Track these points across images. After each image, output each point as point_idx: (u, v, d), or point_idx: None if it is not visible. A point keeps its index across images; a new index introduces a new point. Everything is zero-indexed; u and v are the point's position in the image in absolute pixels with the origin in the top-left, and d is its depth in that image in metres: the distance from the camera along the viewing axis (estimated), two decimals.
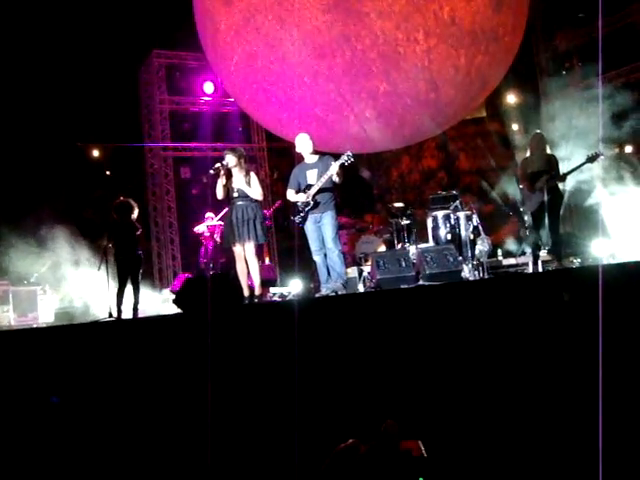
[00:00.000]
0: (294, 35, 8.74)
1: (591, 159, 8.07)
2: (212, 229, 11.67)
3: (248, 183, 7.43)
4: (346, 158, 7.06)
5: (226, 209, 11.37)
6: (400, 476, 2.38)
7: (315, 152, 7.56)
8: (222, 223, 11.45)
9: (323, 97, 9.34)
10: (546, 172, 8.04)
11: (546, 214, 8.09)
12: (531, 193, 8.14)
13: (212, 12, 9.59)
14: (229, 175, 7.47)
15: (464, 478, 4.22)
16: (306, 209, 7.38)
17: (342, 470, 2.37)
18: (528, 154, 8.40)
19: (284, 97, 9.74)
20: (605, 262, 7.96)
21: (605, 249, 8.73)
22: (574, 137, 10.91)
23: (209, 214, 11.75)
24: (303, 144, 7.54)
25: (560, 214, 8.25)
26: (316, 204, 7.34)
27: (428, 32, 8.42)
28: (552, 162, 8.21)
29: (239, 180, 7.45)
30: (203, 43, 10.36)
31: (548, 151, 8.35)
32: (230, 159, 7.42)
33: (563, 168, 8.29)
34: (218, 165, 7.39)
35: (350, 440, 2.47)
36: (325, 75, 9.03)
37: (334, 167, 7.07)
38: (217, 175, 7.41)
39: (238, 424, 4.67)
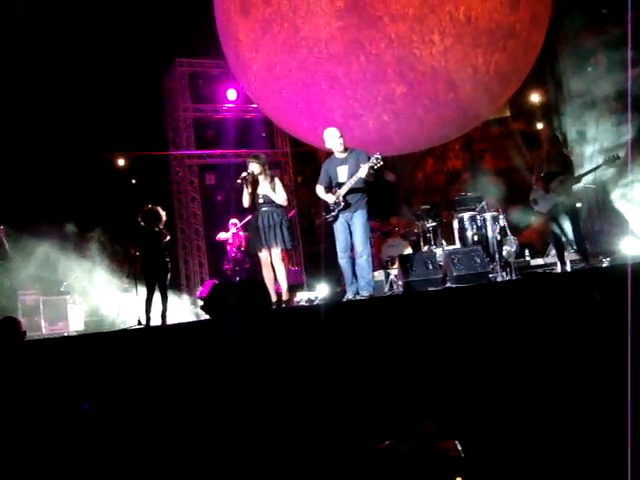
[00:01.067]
0: (309, 42, 8.75)
1: (609, 162, 8.00)
2: (236, 236, 11.71)
3: (273, 189, 7.43)
4: (375, 161, 6.91)
5: (249, 217, 11.45)
6: (438, 475, 2.38)
7: (345, 147, 7.36)
8: (242, 233, 11.52)
9: (341, 103, 9.32)
10: (561, 173, 7.97)
11: (562, 215, 8.03)
12: (546, 193, 8.07)
13: (231, 23, 9.67)
14: (255, 183, 7.49)
15: (500, 477, 4.18)
16: (337, 209, 7.24)
17: (382, 470, 2.37)
18: (543, 153, 8.34)
19: (303, 104, 9.76)
20: (633, 260, 7.87)
21: (634, 247, 8.62)
22: (598, 136, 10.80)
23: (233, 220, 11.79)
24: (332, 139, 7.32)
25: (579, 214, 8.17)
26: (347, 205, 7.18)
27: (444, 33, 8.35)
28: (567, 163, 8.14)
29: (264, 186, 7.46)
30: (225, 51, 10.43)
31: (564, 152, 8.30)
32: (255, 167, 7.43)
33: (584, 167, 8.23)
34: (245, 175, 7.41)
35: (387, 441, 2.47)
36: (341, 81, 9.02)
37: (363, 170, 6.91)
38: (244, 185, 7.44)
39: (268, 428, 4.67)
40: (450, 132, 10.39)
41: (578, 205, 8.21)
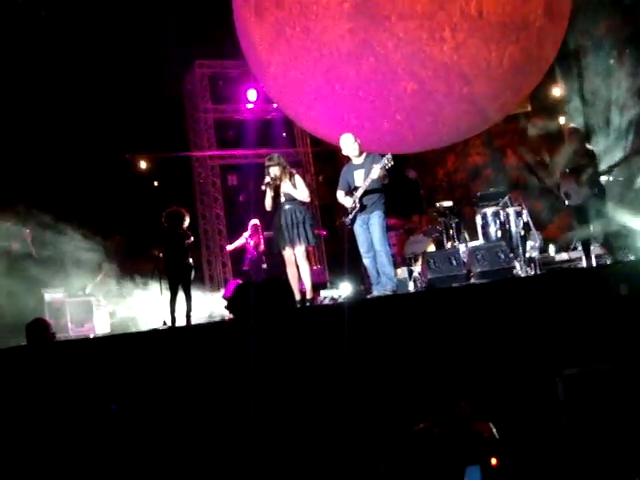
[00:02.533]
0: (321, 44, 8.78)
1: (636, 152, 7.95)
2: (253, 237, 11.72)
3: (294, 185, 7.45)
4: (386, 162, 6.98)
5: (252, 223, 11.50)
6: (472, 456, 2.40)
7: (361, 152, 7.46)
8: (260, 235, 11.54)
9: (355, 104, 9.34)
10: (589, 166, 7.93)
11: (592, 208, 7.97)
12: (578, 187, 8.02)
13: (247, 26, 9.75)
14: (278, 186, 7.51)
15: (532, 458, 4.19)
16: (354, 212, 7.35)
17: (418, 451, 2.39)
18: (566, 148, 8.29)
19: (320, 107, 9.82)
20: None
21: None
22: (621, 128, 10.70)
23: (253, 221, 11.78)
24: (348, 145, 7.45)
25: (606, 208, 8.11)
26: (363, 207, 7.28)
27: (455, 28, 8.27)
28: (592, 156, 8.10)
29: (286, 185, 7.48)
30: (244, 53, 10.49)
31: (589, 146, 8.25)
32: (275, 170, 7.46)
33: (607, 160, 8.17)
34: (268, 181, 7.44)
35: (422, 424, 2.50)
36: (353, 82, 9.03)
37: (375, 171, 7.00)
38: (267, 189, 7.47)
39: (295, 424, 4.69)
40: (470, 127, 10.29)
41: (605, 199, 8.13)
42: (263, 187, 7.49)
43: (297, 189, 7.44)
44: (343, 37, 8.57)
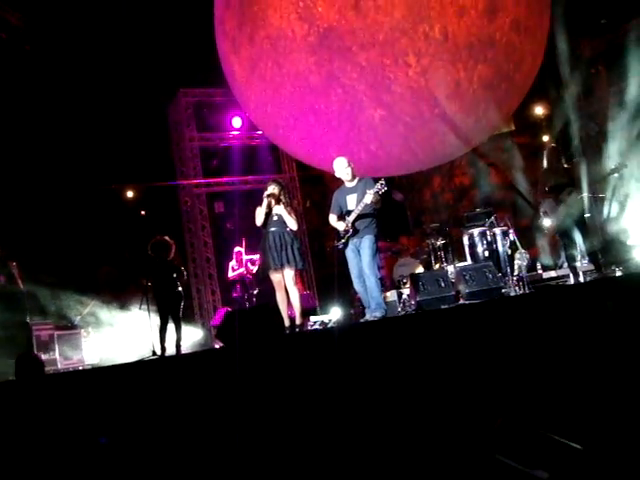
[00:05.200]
0: (292, 78, 8.87)
1: (615, 170, 8.05)
2: (241, 263, 11.75)
3: (289, 213, 7.49)
4: (380, 187, 7.03)
5: (236, 251, 11.51)
6: None
7: (354, 176, 7.51)
8: (251, 257, 11.57)
9: (331, 136, 9.41)
10: (568, 184, 8.01)
11: (573, 226, 8.03)
12: (556, 205, 8.09)
13: (227, 61, 9.90)
14: (271, 205, 7.53)
15: None
16: (346, 236, 7.37)
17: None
18: (545, 166, 8.37)
19: (298, 139, 9.99)
20: None
21: None
22: (603, 145, 10.81)
23: (237, 249, 11.84)
24: (341, 169, 7.48)
25: (587, 224, 8.18)
26: (355, 231, 7.30)
27: (419, 53, 8.29)
28: (572, 174, 8.19)
29: (278, 208, 7.50)
30: (229, 83, 10.58)
31: (567, 163, 8.35)
32: (274, 188, 7.51)
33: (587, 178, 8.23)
34: (270, 192, 7.49)
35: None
36: (325, 114, 9.12)
37: (368, 197, 7.03)
38: (270, 200, 7.48)
39: (287, 452, 4.66)
40: (447, 147, 10.19)
41: (587, 215, 8.21)
42: (265, 195, 7.49)
43: (289, 215, 7.46)
44: (311, 70, 8.65)
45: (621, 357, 4.84)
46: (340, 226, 7.42)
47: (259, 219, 7.51)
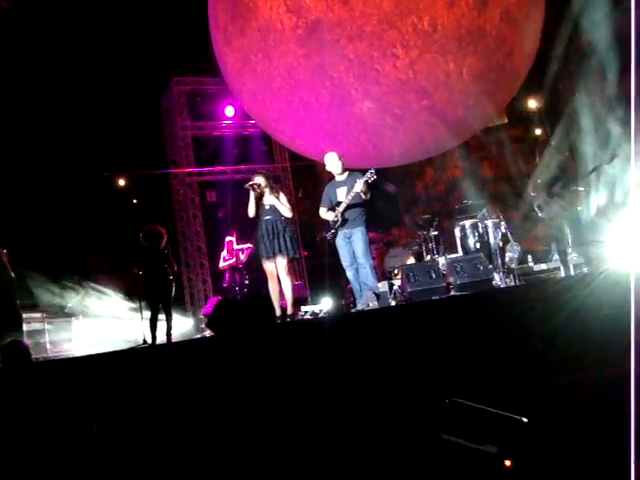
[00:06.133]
0: (281, 70, 8.85)
1: (607, 161, 8.06)
2: (233, 252, 11.74)
3: (278, 199, 7.50)
4: (369, 176, 7.16)
5: (227, 240, 11.52)
6: None
7: (344, 170, 7.64)
8: (240, 250, 11.57)
9: (322, 130, 9.41)
10: (561, 178, 8.03)
11: (565, 219, 8.06)
12: (549, 199, 8.12)
13: (220, 51, 9.88)
14: (261, 195, 7.53)
15: None
16: (336, 226, 7.45)
17: None
18: (539, 160, 8.41)
19: (291, 132, 10.02)
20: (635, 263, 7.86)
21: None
22: (597, 138, 10.81)
23: (229, 238, 11.83)
24: (332, 163, 7.62)
25: (580, 218, 8.20)
26: (345, 221, 7.42)
27: (407, 45, 8.25)
28: (565, 167, 8.21)
29: (269, 198, 7.51)
30: (222, 73, 10.54)
31: (560, 156, 8.35)
32: (260, 180, 7.50)
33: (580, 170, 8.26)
34: (252, 182, 7.47)
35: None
36: (314, 106, 9.10)
37: (358, 185, 7.14)
38: (252, 190, 7.47)
39: (278, 441, 4.67)
40: (437, 139, 10.10)
41: (579, 208, 8.23)
42: (246, 185, 7.51)
43: (281, 203, 7.46)
44: (299, 62, 8.64)
45: (607, 349, 4.86)
46: (330, 216, 7.53)
47: (251, 211, 7.52)
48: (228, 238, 11.98)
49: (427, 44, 8.31)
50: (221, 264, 12.15)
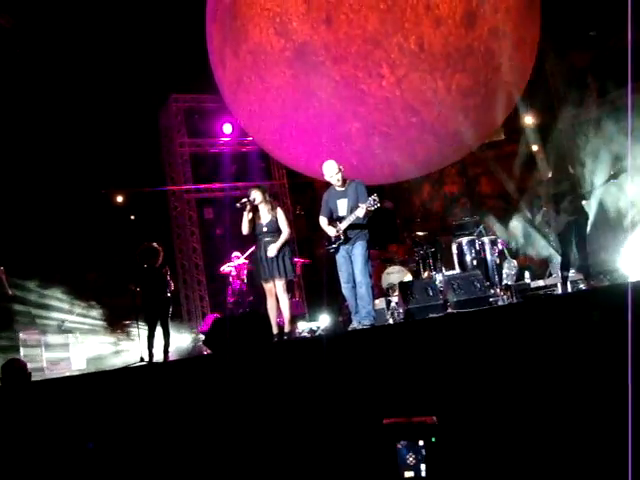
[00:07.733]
0: (273, 92, 8.91)
1: (614, 176, 8.04)
2: (239, 268, 11.73)
3: (275, 218, 7.49)
4: (372, 202, 6.93)
5: (252, 247, 11.51)
6: None
7: (344, 180, 7.41)
8: (247, 261, 11.58)
9: (314, 151, 9.39)
10: (570, 193, 8.00)
11: (573, 235, 8.03)
12: (556, 214, 8.10)
13: (216, 71, 9.97)
14: (255, 210, 7.51)
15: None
16: (337, 243, 7.30)
17: None
18: (550, 175, 8.39)
19: (287, 151, 10.06)
20: (634, 280, 7.87)
21: (635, 266, 8.62)
22: (596, 154, 10.84)
23: (236, 253, 11.83)
24: (330, 173, 7.36)
25: (587, 234, 8.18)
26: (347, 238, 7.24)
27: (393, 64, 8.25)
28: (575, 182, 8.18)
29: (266, 215, 7.50)
30: (220, 91, 10.61)
31: (570, 171, 8.33)
32: (256, 195, 7.47)
33: (586, 186, 8.26)
34: (245, 200, 7.44)
35: None
36: (305, 128, 9.14)
37: (360, 211, 6.95)
38: (243, 209, 7.45)
39: (275, 459, 4.66)
40: (430, 155, 10.04)
41: (586, 222, 8.21)
42: (238, 204, 7.47)
43: (279, 221, 7.47)
44: (289, 84, 8.70)
45: (606, 367, 4.86)
46: (331, 231, 7.33)
47: (244, 229, 7.51)
48: (235, 253, 11.96)
49: (414, 63, 8.31)
50: (222, 268, 12.09)
